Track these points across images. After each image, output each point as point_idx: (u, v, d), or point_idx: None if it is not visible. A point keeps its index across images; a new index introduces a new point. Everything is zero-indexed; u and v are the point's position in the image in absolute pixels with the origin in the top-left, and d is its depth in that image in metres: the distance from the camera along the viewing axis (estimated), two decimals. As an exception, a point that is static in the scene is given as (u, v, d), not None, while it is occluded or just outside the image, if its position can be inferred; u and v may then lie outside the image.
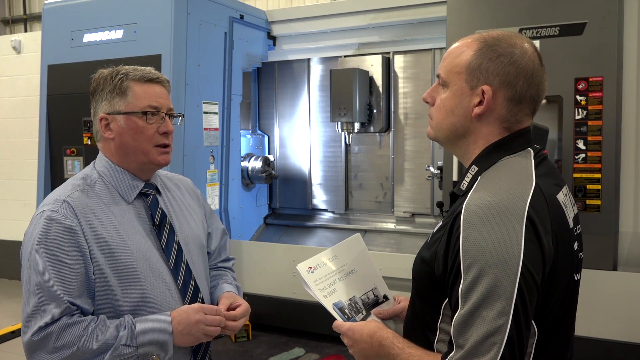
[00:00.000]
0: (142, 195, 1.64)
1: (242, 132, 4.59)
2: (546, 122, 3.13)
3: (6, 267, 6.18)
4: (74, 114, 4.10)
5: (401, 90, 4.40)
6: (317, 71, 4.74)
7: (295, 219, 4.93)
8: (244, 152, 4.64)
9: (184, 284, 1.63)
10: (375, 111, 4.40)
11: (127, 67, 1.62)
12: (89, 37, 4.08)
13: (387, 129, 4.45)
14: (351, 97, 4.15)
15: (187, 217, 1.75)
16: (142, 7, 3.89)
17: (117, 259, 1.50)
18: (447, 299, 1.20)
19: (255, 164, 4.65)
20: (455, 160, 3.36)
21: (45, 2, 4.38)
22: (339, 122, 4.31)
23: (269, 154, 4.94)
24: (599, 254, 3.05)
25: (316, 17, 4.58)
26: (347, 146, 4.66)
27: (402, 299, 1.53)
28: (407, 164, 4.44)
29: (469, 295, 1.10)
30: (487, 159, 1.26)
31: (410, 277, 1.35)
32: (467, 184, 1.26)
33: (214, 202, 4.18)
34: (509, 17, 3.23)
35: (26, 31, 8.86)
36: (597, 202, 3.08)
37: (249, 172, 4.64)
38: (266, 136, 4.97)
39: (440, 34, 3.97)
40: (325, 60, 4.69)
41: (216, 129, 4.16)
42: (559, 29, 3.10)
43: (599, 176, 3.07)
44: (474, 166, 1.28)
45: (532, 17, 3.16)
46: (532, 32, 3.14)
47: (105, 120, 1.59)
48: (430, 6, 4.07)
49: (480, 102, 1.25)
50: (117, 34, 3.96)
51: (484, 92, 1.24)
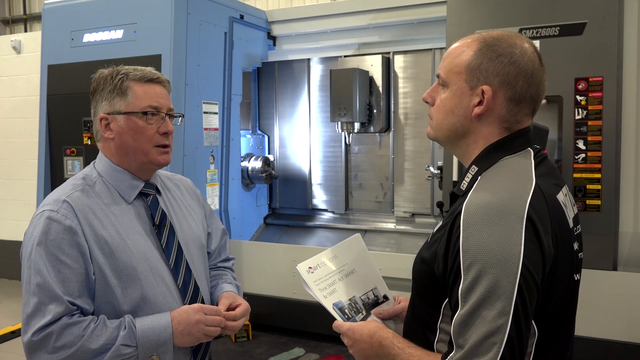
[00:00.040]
0: (142, 195, 1.64)
1: (242, 132, 4.59)
2: (546, 122, 3.13)
3: (6, 267, 6.18)
4: (74, 114, 4.10)
5: (401, 90, 4.40)
6: (317, 71, 4.74)
7: (295, 219, 4.93)
8: (244, 152, 4.64)
9: (184, 284, 1.63)
10: (375, 111, 4.40)
11: (127, 67, 1.62)
12: (89, 37, 4.08)
13: (387, 129, 4.45)
14: (351, 97, 4.15)
15: (187, 217, 1.75)
16: (142, 7, 3.89)
17: (117, 259, 1.50)
18: (447, 299, 1.20)
19: (255, 164, 4.65)
20: (455, 160, 3.36)
21: (45, 2, 4.38)
22: (339, 122, 4.31)
23: (269, 154, 4.94)
24: (599, 254, 3.05)
25: (316, 17, 4.58)
26: (347, 146, 4.66)
27: (402, 299, 1.53)
28: (407, 164, 4.44)
29: (469, 295, 1.10)
30: (487, 159, 1.26)
31: (410, 277, 1.35)
32: (467, 184, 1.26)
33: (214, 202, 4.18)
34: (509, 17, 3.23)
35: (26, 31, 8.86)
36: (597, 202, 3.08)
37: (249, 172, 4.64)
38: (266, 136, 4.97)
39: (440, 34, 3.97)
40: (325, 60, 4.69)
41: (216, 129, 4.16)
42: (559, 29, 3.10)
43: (599, 176, 3.07)
44: (473, 166, 1.28)
45: (532, 17, 3.16)
46: (532, 32, 3.14)
47: (105, 120, 1.59)
48: (430, 6, 4.07)
49: (480, 102, 1.25)
50: (117, 34, 3.96)
51: (483, 92, 1.24)
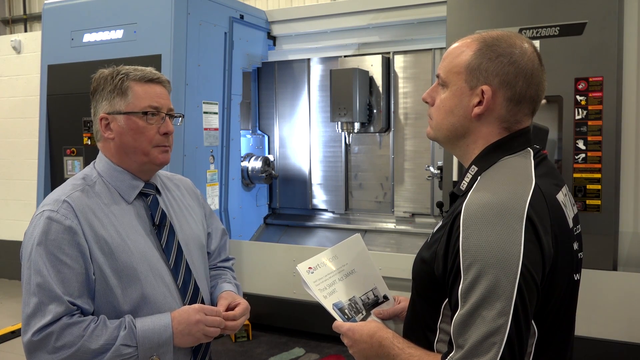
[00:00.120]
0: (142, 195, 1.64)
1: (242, 132, 4.59)
2: (546, 122, 3.13)
3: (6, 267, 6.18)
4: (74, 114, 4.10)
5: (401, 90, 4.40)
6: (317, 71, 4.74)
7: (295, 219, 4.93)
8: (244, 152, 4.64)
9: (184, 284, 1.63)
10: (375, 111, 4.40)
11: (127, 67, 1.62)
12: (89, 37, 4.08)
13: (387, 129, 4.45)
14: (351, 97, 4.15)
15: (187, 217, 1.75)
16: (142, 7, 3.89)
17: (117, 259, 1.50)
18: (447, 299, 1.20)
19: (255, 164, 4.65)
20: (455, 160, 3.36)
21: (45, 2, 4.38)
22: (339, 122, 4.31)
23: (269, 154, 4.94)
24: (599, 254, 3.04)
25: (316, 17, 4.58)
26: (347, 146, 4.66)
27: (402, 299, 1.53)
28: (407, 164, 4.44)
29: (468, 295, 1.10)
30: (487, 159, 1.26)
31: (410, 277, 1.35)
32: (466, 184, 1.26)
33: (214, 202, 4.18)
34: (509, 17, 3.23)
35: (26, 31, 8.86)
36: (597, 202, 3.08)
37: (249, 172, 4.64)
38: (266, 136, 4.97)
39: (440, 34, 3.97)
40: (325, 60, 4.69)
41: (216, 129, 4.16)
42: (559, 29, 3.10)
43: (599, 176, 3.07)
44: (473, 166, 1.28)
45: (532, 17, 3.16)
46: (532, 32, 3.14)
47: (105, 120, 1.59)
48: (430, 6, 4.07)
49: (479, 102, 1.25)
50: (117, 34, 3.96)
51: (483, 92, 1.24)
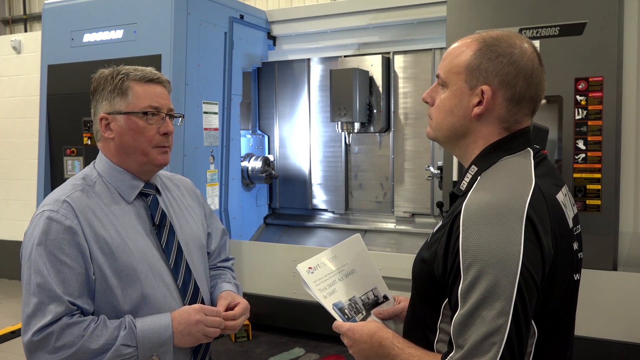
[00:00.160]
0: (142, 195, 1.64)
1: (242, 132, 4.59)
2: (546, 122, 3.13)
3: (6, 267, 6.18)
4: (74, 114, 4.10)
5: (401, 90, 4.40)
6: (317, 71, 4.74)
7: (295, 219, 4.93)
8: (244, 152, 4.64)
9: (184, 284, 1.63)
10: (375, 111, 4.40)
11: (127, 67, 1.62)
12: (89, 37, 4.08)
13: (387, 129, 4.45)
14: (351, 97, 4.15)
15: (187, 217, 1.75)
16: (142, 7, 3.89)
17: (117, 259, 1.50)
18: (447, 299, 1.20)
19: (255, 164, 4.65)
20: (455, 160, 3.36)
21: (45, 2, 4.38)
22: (339, 122, 4.31)
23: (269, 154, 4.94)
24: (599, 254, 3.04)
25: (316, 17, 4.58)
26: (347, 146, 4.66)
27: (402, 299, 1.53)
28: (407, 164, 4.44)
29: (468, 295, 1.10)
30: (487, 159, 1.26)
31: (410, 277, 1.35)
32: (466, 184, 1.26)
33: (214, 202, 4.18)
34: (509, 17, 3.23)
35: (26, 31, 8.86)
36: (597, 202, 3.08)
37: (249, 172, 4.64)
38: (266, 136, 4.97)
39: (440, 34, 3.97)
40: (325, 60, 4.69)
41: (216, 129, 4.16)
42: (559, 29, 3.10)
43: (599, 176, 3.07)
44: (473, 166, 1.28)
45: (532, 17, 3.16)
46: (532, 32, 3.14)
47: (105, 120, 1.59)
48: (430, 6, 4.07)
49: (479, 102, 1.25)
50: (117, 34, 3.96)
51: (483, 92, 1.24)
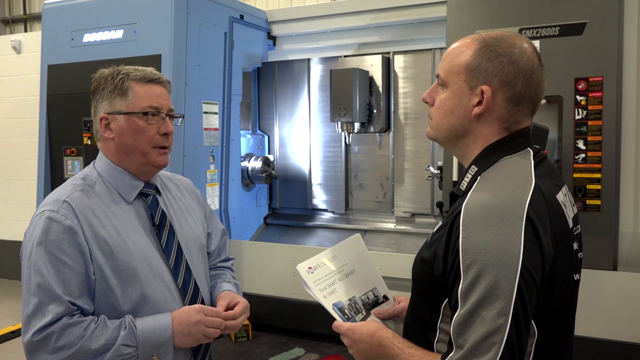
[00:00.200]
0: (142, 195, 1.64)
1: (242, 132, 4.59)
2: (546, 122, 3.13)
3: (6, 267, 6.18)
4: (74, 114, 4.10)
5: (401, 90, 4.40)
6: (317, 71, 4.74)
7: (295, 219, 4.93)
8: (244, 152, 4.64)
9: (184, 284, 1.63)
10: (375, 111, 4.40)
11: (128, 67, 1.62)
12: (89, 37, 4.08)
13: (387, 129, 4.45)
14: (351, 97, 4.15)
15: (187, 217, 1.75)
16: (142, 7, 3.89)
17: (117, 259, 1.50)
18: (447, 299, 1.20)
19: (255, 164, 4.65)
20: (455, 160, 3.36)
21: (45, 2, 4.38)
22: (339, 122, 4.31)
23: (269, 154, 4.94)
24: (599, 254, 3.04)
25: (316, 17, 4.58)
26: (347, 146, 4.66)
27: (402, 299, 1.53)
28: (407, 164, 4.44)
29: (468, 295, 1.10)
30: (487, 159, 1.26)
31: (410, 277, 1.35)
32: (466, 184, 1.26)
33: (214, 202, 4.18)
34: (509, 17, 3.23)
35: (26, 31, 8.86)
36: (597, 202, 3.08)
37: (249, 172, 4.64)
38: (266, 136, 4.97)
39: (440, 34, 3.97)
40: (325, 60, 4.69)
41: (216, 129, 4.16)
42: (559, 29, 3.10)
43: (599, 176, 3.07)
44: (473, 166, 1.28)
45: (532, 17, 3.16)
46: (532, 32, 3.14)
47: (105, 120, 1.59)
48: (430, 6, 4.07)
49: (479, 102, 1.25)
50: (117, 34, 3.96)
51: (483, 92, 1.24)
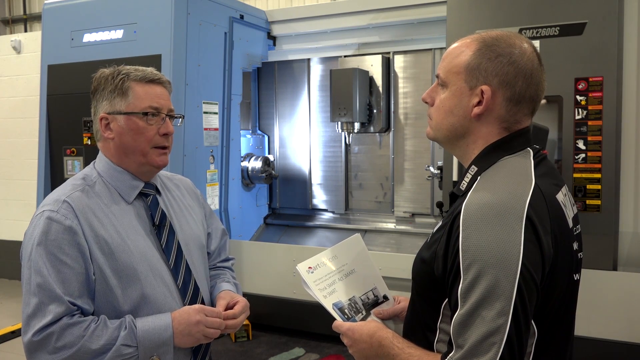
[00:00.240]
0: (142, 195, 1.64)
1: (242, 132, 4.59)
2: (546, 122, 3.13)
3: (6, 267, 6.18)
4: (74, 114, 4.10)
5: (401, 90, 4.40)
6: (317, 71, 4.74)
7: (295, 219, 4.93)
8: (244, 152, 4.64)
9: (184, 284, 1.63)
10: (375, 111, 4.40)
11: (128, 67, 1.62)
12: (89, 37, 4.08)
13: (387, 129, 4.45)
14: (351, 97, 4.15)
15: (187, 217, 1.75)
16: (142, 7, 3.89)
17: (117, 259, 1.50)
18: (447, 299, 1.20)
19: (255, 164, 4.65)
20: (455, 160, 3.36)
21: (45, 2, 4.38)
22: (339, 122, 4.31)
23: (269, 154, 4.94)
24: (599, 254, 3.04)
25: (316, 17, 4.58)
26: (347, 146, 4.66)
27: (402, 299, 1.53)
28: (407, 164, 4.44)
29: (468, 295, 1.10)
30: (487, 159, 1.26)
31: (410, 277, 1.35)
32: (466, 184, 1.26)
33: (214, 202, 4.18)
34: (509, 17, 3.23)
35: (26, 31, 8.86)
36: (597, 202, 3.08)
37: (249, 172, 4.64)
38: (266, 136, 4.97)
39: (440, 34, 3.97)
40: (325, 60, 4.69)
41: (216, 129, 4.16)
42: (559, 29, 3.10)
43: (599, 176, 3.07)
44: (473, 166, 1.28)
45: (532, 17, 3.16)
46: (532, 32, 3.14)
47: (105, 119, 1.59)
48: (430, 6, 4.07)
49: (479, 102, 1.25)
50: (117, 34, 3.96)
51: (483, 92, 1.24)
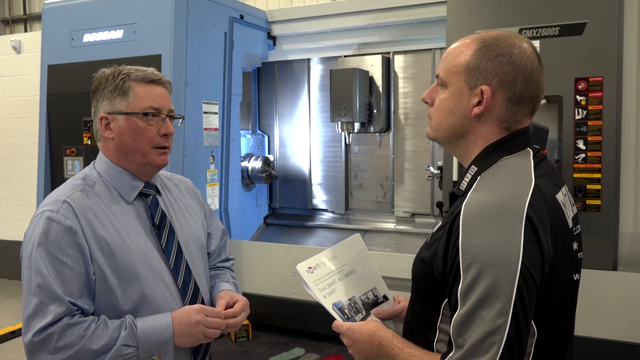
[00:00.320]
0: (142, 195, 1.64)
1: (242, 132, 4.59)
2: (546, 122, 3.13)
3: (6, 267, 6.18)
4: (74, 114, 4.10)
5: (401, 90, 4.40)
6: (317, 71, 4.74)
7: (295, 219, 4.93)
8: (244, 152, 4.64)
9: (184, 284, 1.63)
10: (375, 111, 4.40)
11: (129, 67, 1.62)
12: (89, 37, 4.08)
13: (387, 129, 4.45)
14: (351, 97, 4.15)
15: (187, 217, 1.75)
16: (142, 7, 3.89)
17: (117, 259, 1.50)
18: (447, 299, 1.20)
19: (255, 164, 4.65)
20: (455, 160, 3.36)
21: (45, 2, 4.38)
22: (339, 122, 4.31)
23: (269, 154, 4.94)
24: (599, 254, 3.04)
25: (316, 17, 4.58)
26: (347, 146, 4.66)
27: (402, 299, 1.53)
28: (407, 164, 4.44)
29: (468, 295, 1.10)
30: (487, 159, 1.26)
31: (410, 277, 1.35)
32: (466, 184, 1.26)
33: (214, 202, 4.18)
34: (509, 17, 3.23)
35: (26, 31, 8.86)
36: (597, 202, 3.08)
37: (249, 172, 4.64)
38: (266, 136, 4.97)
39: (440, 34, 3.97)
40: (325, 60, 4.69)
41: (216, 129, 4.16)
42: (559, 29, 3.10)
43: (599, 176, 3.07)
44: (473, 166, 1.28)
45: (532, 17, 3.16)
46: (532, 32, 3.14)
47: (105, 119, 1.59)
48: (430, 6, 4.07)
49: (479, 102, 1.25)
50: (117, 34, 3.96)
51: (482, 92, 1.24)
